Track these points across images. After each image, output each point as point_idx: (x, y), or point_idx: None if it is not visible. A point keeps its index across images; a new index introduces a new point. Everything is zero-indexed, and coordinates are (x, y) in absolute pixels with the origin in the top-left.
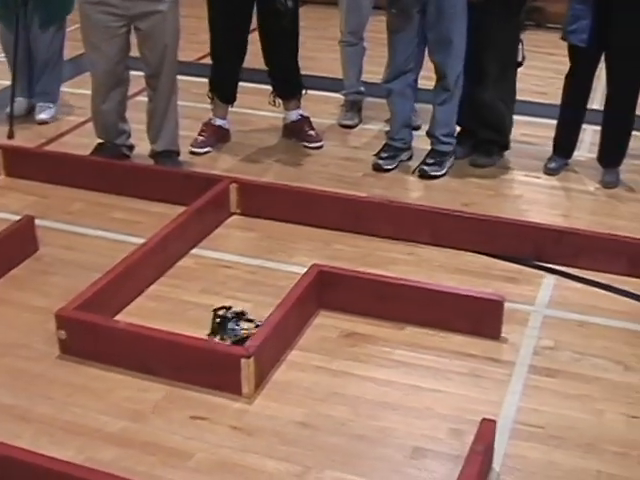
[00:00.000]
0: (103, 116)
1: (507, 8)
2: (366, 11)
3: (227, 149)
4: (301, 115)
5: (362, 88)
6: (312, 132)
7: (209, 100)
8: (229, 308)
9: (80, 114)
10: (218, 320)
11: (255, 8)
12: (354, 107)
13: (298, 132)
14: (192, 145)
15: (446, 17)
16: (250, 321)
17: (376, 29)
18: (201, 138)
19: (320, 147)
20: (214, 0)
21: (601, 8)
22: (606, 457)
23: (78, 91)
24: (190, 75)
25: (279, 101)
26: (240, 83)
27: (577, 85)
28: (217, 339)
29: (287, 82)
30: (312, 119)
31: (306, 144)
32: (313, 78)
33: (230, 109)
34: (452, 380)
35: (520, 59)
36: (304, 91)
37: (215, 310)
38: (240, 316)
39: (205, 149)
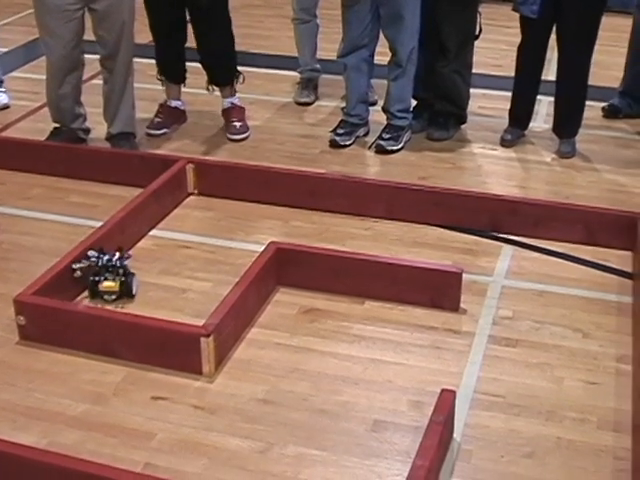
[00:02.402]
0: (59, 101)
1: None
2: None
3: (183, 130)
4: (231, 103)
5: (317, 65)
6: (237, 123)
7: (160, 82)
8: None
9: (34, 99)
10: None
11: None
12: (310, 84)
13: (225, 121)
14: (148, 127)
15: None
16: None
17: (331, 6)
18: (157, 120)
19: (243, 139)
20: None
21: None
22: (566, 423)
23: (32, 76)
24: (145, 57)
25: (213, 87)
26: (195, 64)
27: (529, 56)
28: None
29: (217, 69)
30: (268, 97)
31: (228, 135)
32: (269, 57)
33: (185, 90)
34: (412, 353)
35: (477, 32)
36: (241, 78)
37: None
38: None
39: (161, 130)
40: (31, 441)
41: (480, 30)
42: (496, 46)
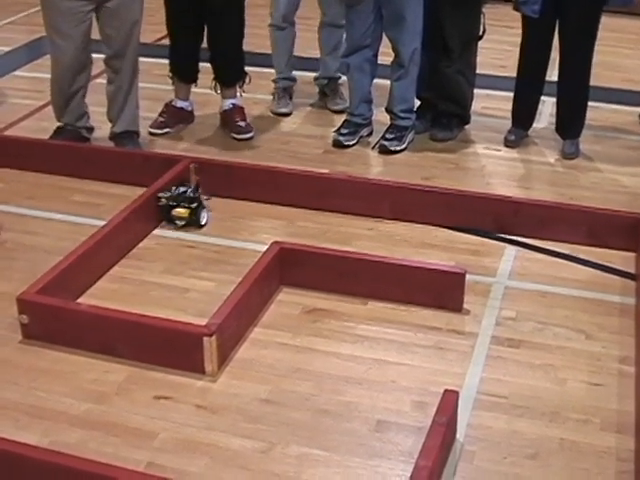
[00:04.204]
0: (67, 100)
1: None
2: None
3: (188, 129)
4: (233, 104)
5: (292, 74)
6: (242, 123)
7: (170, 81)
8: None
9: (38, 98)
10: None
11: None
12: (286, 94)
13: (228, 122)
14: (151, 126)
15: None
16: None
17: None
18: (160, 119)
19: (249, 138)
20: None
21: None
22: (569, 425)
23: (35, 75)
24: (151, 56)
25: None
26: (205, 64)
27: (531, 56)
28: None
29: (226, 68)
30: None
31: (234, 135)
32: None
33: (193, 89)
34: (416, 353)
35: (481, 32)
36: (247, 79)
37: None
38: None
39: (164, 130)
40: (34, 440)
41: (484, 30)
42: (500, 46)
